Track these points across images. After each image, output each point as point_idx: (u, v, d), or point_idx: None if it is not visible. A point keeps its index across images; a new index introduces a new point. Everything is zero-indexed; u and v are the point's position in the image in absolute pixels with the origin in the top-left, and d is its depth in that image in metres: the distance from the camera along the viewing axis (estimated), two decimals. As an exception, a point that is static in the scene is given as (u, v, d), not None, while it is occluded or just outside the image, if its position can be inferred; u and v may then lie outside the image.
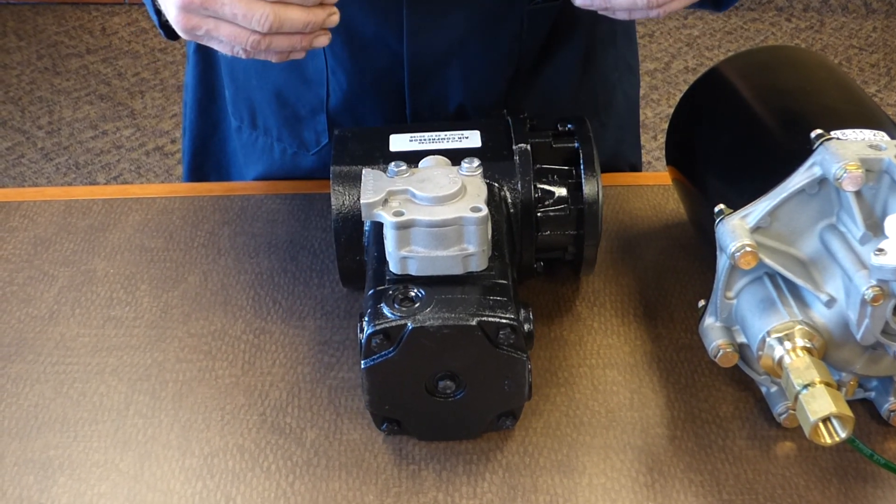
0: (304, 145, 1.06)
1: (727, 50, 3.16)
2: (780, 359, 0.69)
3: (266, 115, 1.05)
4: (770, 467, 0.75)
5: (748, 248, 0.69)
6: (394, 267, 0.72)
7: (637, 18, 0.81)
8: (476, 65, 0.92)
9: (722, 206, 0.73)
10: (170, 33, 0.86)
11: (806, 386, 0.67)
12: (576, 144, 0.84)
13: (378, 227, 0.76)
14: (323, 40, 0.77)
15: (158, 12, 0.84)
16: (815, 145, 0.69)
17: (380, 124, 1.02)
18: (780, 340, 0.70)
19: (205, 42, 0.77)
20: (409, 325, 0.69)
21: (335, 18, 0.77)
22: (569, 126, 0.86)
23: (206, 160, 1.15)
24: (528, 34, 0.97)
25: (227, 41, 0.75)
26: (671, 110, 0.95)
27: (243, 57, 0.77)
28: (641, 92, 1.45)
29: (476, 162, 0.75)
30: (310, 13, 0.75)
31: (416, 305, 0.70)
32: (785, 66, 0.89)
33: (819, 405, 0.65)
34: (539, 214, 0.83)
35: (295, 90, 1.03)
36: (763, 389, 0.79)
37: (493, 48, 0.97)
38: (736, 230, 0.70)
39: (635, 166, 1.17)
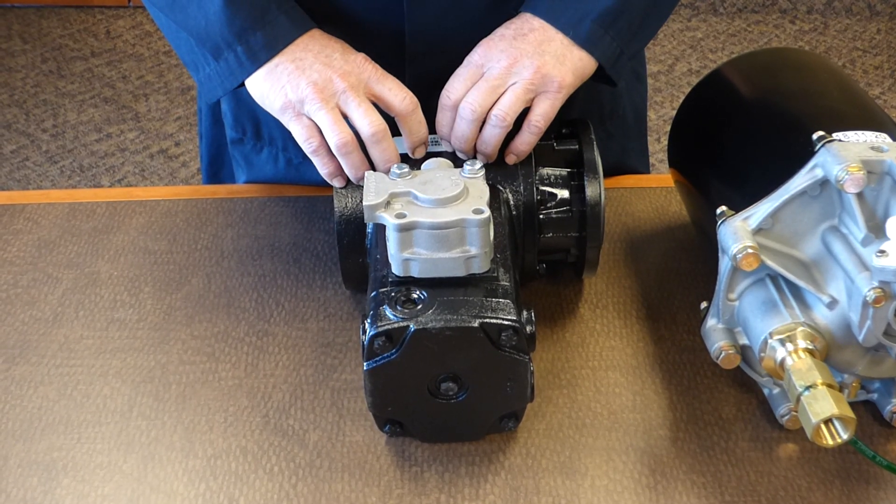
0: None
1: (730, 52, 3.16)
2: (782, 360, 0.69)
3: (271, 127, 1.05)
4: (772, 469, 0.75)
5: (750, 250, 0.69)
6: (396, 269, 0.72)
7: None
8: None
9: (724, 207, 0.73)
10: (210, 92, 0.89)
11: (808, 387, 0.67)
12: (578, 146, 0.85)
13: (380, 229, 0.76)
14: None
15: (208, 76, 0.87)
16: (817, 147, 0.70)
17: None
18: (782, 342, 0.70)
19: (295, 121, 0.82)
20: (412, 326, 0.69)
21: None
22: (571, 129, 0.86)
23: (222, 167, 1.15)
24: None
25: (324, 124, 0.80)
26: (674, 112, 0.95)
27: (313, 149, 0.82)
28: (644, 94, 1.44)
29: (478, 164, 0.75)
30: (396, 157, 0.81)
31: (419, 307, 0.70)
32: (787, 68, 0.89)
33: (821, 407, 0.65)
34: (541, 216, 0.83)
35: None
36: (765, 391, 0.79)
37: None
38: (738, 232, 0.70)
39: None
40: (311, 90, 0.81)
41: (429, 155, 0.83)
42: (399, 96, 0.82)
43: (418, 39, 0.93)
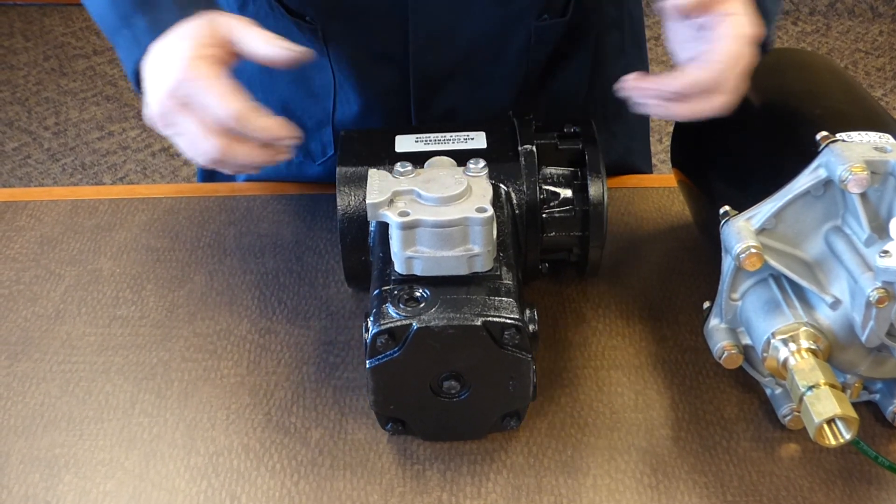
0: (311, 156, 1.06)
1: (733, 53, 3.15)
2: (785, 360, 0.69)
3: None
4: (774, 469, 0.75)
5: (753, 250, 0.69)
6: (399, 267, 0.72)
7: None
8: (483, 80, 0.92)
9: (727, 207, 0.73)
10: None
11: (811, 387, 0.67)
12: (581, 146, 0.85)
13: (383, 227, 0.76)
14: (280, 157, 0.77)
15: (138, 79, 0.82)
16: (821, 147, 0.70)
17: None
18: (785, 342, 0.70)
19: (170, 132, 0.76)
20: (415, 325, 0.69)
21: (282, 158, 0.76)
22: (574, 128, 0.86)
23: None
24: (535, 49, 0.97)
25: (184, 152, 0.76)
26: (677, 112, 0.94)
27: (199, 164, 0.77)
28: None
29: (482, 163, 0.75)
30: (258, 153, 0.75)
31: (422, 305, 0.70)
32: (790, 68, 0.89)
33: (824, 407, 0.65)
34: (544, 216, 0.83)
35: (301, 103, 1.03)
36: (768, 391, 0.79)
37: (500, 63, 0.96)
38: (741, 232, 0.70)
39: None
40: (157, 117, 0.75)
41: (432, 153, 0.83)
42: (219, 116, 0.73)
43: (422, 33, 0.92)
